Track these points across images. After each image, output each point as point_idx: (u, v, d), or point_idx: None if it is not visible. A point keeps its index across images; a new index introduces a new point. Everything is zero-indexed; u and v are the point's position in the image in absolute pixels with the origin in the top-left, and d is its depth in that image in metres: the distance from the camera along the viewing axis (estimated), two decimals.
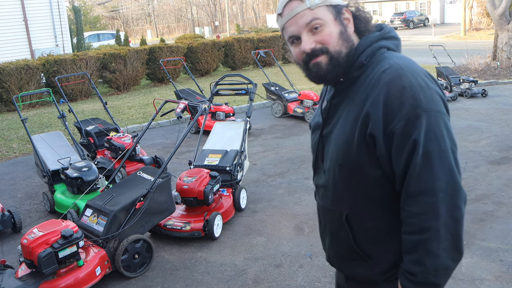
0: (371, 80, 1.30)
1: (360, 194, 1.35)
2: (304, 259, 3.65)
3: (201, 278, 3.46)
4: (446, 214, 1.21)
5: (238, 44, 15.93)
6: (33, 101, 10.91)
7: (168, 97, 10.93)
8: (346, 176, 1.36)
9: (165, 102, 4.67)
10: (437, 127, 1.22)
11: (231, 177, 4.60)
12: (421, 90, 1.23)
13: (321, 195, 1.50)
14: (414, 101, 1.21)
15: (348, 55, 1.33)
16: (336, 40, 1.31)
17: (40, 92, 7.34)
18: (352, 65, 1.34)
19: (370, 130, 1.26)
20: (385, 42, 1.36)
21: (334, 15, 1.31)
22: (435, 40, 23.61)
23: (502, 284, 3.18)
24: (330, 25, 1.31)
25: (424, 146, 1.21)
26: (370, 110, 1.26)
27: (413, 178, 1.23)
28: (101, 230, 3.45)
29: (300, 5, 1.30)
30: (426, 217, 1.22)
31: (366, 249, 1.38)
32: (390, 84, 1.24)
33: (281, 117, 8.78)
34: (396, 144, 1.24)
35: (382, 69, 1.28)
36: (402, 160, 1.24)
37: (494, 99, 9.64)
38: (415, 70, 1.27)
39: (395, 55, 1.33)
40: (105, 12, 44.68)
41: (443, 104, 1.27)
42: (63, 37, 15.64)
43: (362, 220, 1.37)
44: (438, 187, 1.21)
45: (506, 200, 4.54)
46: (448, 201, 1.21)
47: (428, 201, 1.21)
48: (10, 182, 5.92)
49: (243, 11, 52.70)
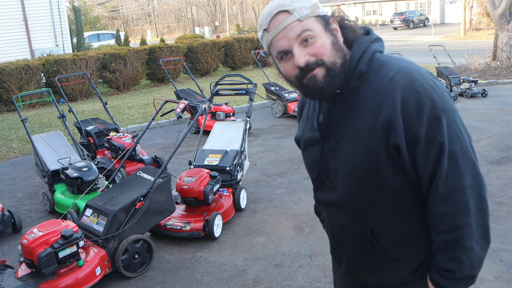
0: (378, 88, 1.26)
1: (384, 205, 1.33)
2: (304, 259, 3.65)
3: (201, 278, 3.46)
4: (475, 207, 1.24)
5: (238, 44, 15.93)
6: (33, 101, 10.91)
7: (168, 97, 10.93)
8: (367, 190, 1.32)
9: (165, 102, 4.67)
10: (456, 125, 1.23)
11: (231, 177, 4.60)
12: (433, 91, 1.22)
13: (333, 212, 1.46)
14: (431, 103, 1.21)
15: (344, 65, 1.28)
16: (330, 51, 1.25)
17: (40, 92, 7.34)
18: (350, 75, 1.29)
19: (393, 140, 1.23)
20: (376, 46, 1.33)
21: (323, 26, 1.26)
22: (435, 40, 23.61)
23: (502, 284, 3.18)
24: (322, 36, 1.25)
25: (449, 146, 1.21)
26: (388, 119, 1.23)
27: (441, 180, 1.23)
28: (101, 230, 3.45)
29: (288, 17, 1.23)
30: (458, 215, 1.24)
31: (395, 255, 1.37)
32: (404, 90, 1.22)
33: (281, 117, 8.78)
34: (421, 150, 1.23)
35: (388, 75, 1.25)
36: (429, 165, 1.23)
37: (494, 99, 9.64)
38: (421, 72, 1.26)
39: (393, 59, 1.31)
40: (105, 12, 44.68)
41: (452, 100, 1.27)
42: (63, 37, 15.64)
43: (388, 229, 1.36)
44: (465, 184, 1.23)
45: (506, 200, 4.54)
46: (475, 195, 1.24)
47: (458, 200, 1.23)
48: (10, 182, 5.92)
49: (243, 11, 52.71)
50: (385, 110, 1.23)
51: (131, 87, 13.37)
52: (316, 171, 1.45)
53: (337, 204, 1.42)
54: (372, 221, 1.36)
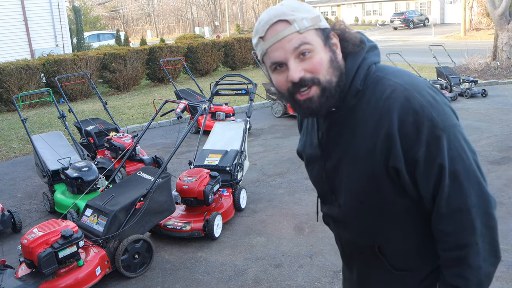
0: (375, 107, 1.21)
1: (389, 223, 1.31)
2: (304, 259, 3.65)
3: (201, 278, 3.46)
4: (481, 226, 1.20)
5: (238, 44, 15.93)
6: (33, 101, 10.91)
7: (168, 97, 10.93)
8: (371, 210, 1.30)
9: (165, 102, 4.67)
10: (457, 143, 1.18)
11: (231, 177, 4.60)
12: (432, 108, 1.17)
13: (340, 227, 1.45)
14: (430, 122, 1.15)
15: (339, 84, 1.21)
16: (326, 69, 1.19)
17: (40, 92, 7.35)
18: (346, 93, 1.24)
19: (392, 163, 1.19)
20: (371, 57, 1.26)
21: (323, 40, 1.19)
22: (435, 40, 23.61)
23: (502, 284, 3.18)
24: (320, 51, 1.18)
25: (450, 166, 1.17)
26: (386, 142, 1.18)
27: (443, 199, 1.19)
28: (101, 230, 3.45)
29: (288, 27, 1.15)
30: (463, 234, 1.20)
31: (404, 266, 1.36)
32: (401, 110, 1.16)
33: (281, 117, 8.78)
34: (421, 171, 1.19)
35: (385, 94, 1.20)
36: (430, 185, 1.20)
37: (494, 99, 9.64)
38: (419, 86, 1.20)
39: (389, 72, 1.24)
40: (105, 12, 44.69)
41: (453, 115, 1.21)
42: (63, 37, 15.65)
43: (395, 245, 1.34)
44: (470, 203, 1.18)
45: (506, 200, 4.54)
46: (481, 213, 1.20)
47: (462, 219, 1.19)
48: (10, 182, 5.92)
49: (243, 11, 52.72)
50: (383, 132, 1.19)
51: (131, 87, 13.37)
52: (319, 187, 1.44)
53: (343, 221, 1.41)
54: (378, 239, 1.34)
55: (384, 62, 1.37)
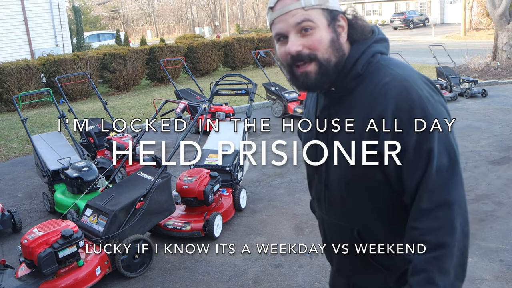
0: (371, 92, 1.23)
1: (370, 209, 1.32)
2: (304, 259, 3.65)
3: (201, 278, 3.46)
4: (460, 228, 1.19)
5: (238, 44, 15.93)
6: (33, 101, 10.90)
7: (168, 97, 10.92)
8: (354, 193, 1.32)
9: (165, 102, 4.67)
10: (447, 140, 1.20)
11: (231, 177, 4.60)
12: (428, 102, 1.19)
13: (324, 210, 1.46)
14: (424, 114, 1.17)
15: (337, 65, 1.26)
16: (326, 48, 1.23)
17: (40, 92, 7.36)
18: (346, 75, 1.27)
19: (379, 148, 1.21)
20: (377, 47, 1.29)
21: (328, 21, 1.23)
22: (435, 40, 23.61)
23: (502, 284, 3.18)
24: (322, 30, 1.23)
25: (438, 159, 1.18)
26: (378, 127, 1.21)
27: (425, 193, 1.19)
28: (101, 230, 3.45)
29: (294, 2, 1.21)
30: (442, 232, 1.18)
31: (381, 260, 1.36)
32: (398, 98, 1.19)
33: (281, 117, 8.78)
34: (408, 160, 1.19)
35: (384, 80, 1.22)
36: (416, 176, 1.20)
37: (494, 99, 9.64)
38: (417, 80, 1.22)
39: (393, 63, 1.27)
40: (105, 12, 44.68)
41: (447, 114, 1.24)
42: (63, 37, 15.64)
43: (373, 233, 1.34)
44: (452, 200, 1.18)
45: (506, 200, 4.54)
46: (461, 214, 1.19)
47: (443, 216, 1.18)
48: (10, 182, 5.92)
49: (243, 11, 52.71)
50: (375, 116, 1.21)
51: (131, 87, 13.37)
52: (310, 168, 1.46)
53: (327, 201, 1.42)
54: (358, 223, 1.35)
55: None
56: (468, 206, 1.23)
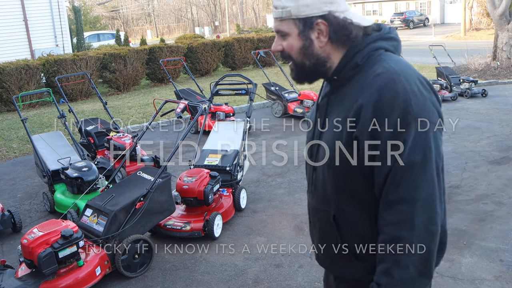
0: (363, 82, 1.27)
1: (346, 195, 1.34)
2: (304, 259, 3.65)
3: (201, 278, 3.46)
4: (422, 226, 1.19)
5: (238, 44, 15.93)
6: (33, 101, 10.91)
7: (168, 97, 10.93)
8: (333, 176, 1.35)
9: (165, 102, 4.67)
10: (426, 138, 1.20)
11: (231, 177, 4.60)
12: (414, 96, 1.20)
13: (311, 193, 1.50)
14: (405, 107, 1.19)
15: (316, 65, 1.34)
16: (297, 53, 1.34)
17: (40, 92, 7.35)
18: (346, 64, 1.33)
19: (357, 133, 1.25)
20: (382, 43, 1.33)
21: (299, 30, 1.31)
22: (435, 40, 23.61)
23: (502, 284, 3.18)
24: (293, 38, 1.33)
25: (409, 154, 1.19)
26: (359, 113, 1.24)
27: (392, 185, 1.21)
28: (101, 230, 3.45)
29: (275, 12, 1.34)
30: (401, 226, 1.20)
31: (354, 250, 1.37)
32: (383, 89, 1.21)
33: (281, 117, 8.78)
34: (381, 150, 1.22)
35: (376, 72, 1.26)
36: (386, 168, 1.22)
37: (494, 99, 9.64)
38: (411, 76, 1.24)
39: (392, 58, 1.30)
40: (105, 12, 44.67)
41: (436, 113, 1.24)
42: (63, 37, 15.64)
43: (349, 221, 1.36)
44: (417, 197, 1.19)
45: (506, 200, 4.54)
46: (425, 213, 1.19)
47: (405, 211, 1.19)
48: (10, 182, 5.92)
49: (243, 11, 52.69)
50: (359, 103, 1.24)
51: (131, 87, 13.37)
52: (307, 152, 1.52)
53: (314, 185, 1.47)
54: (334, 208, 1.38)
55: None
56: (468, 206, 1.23)
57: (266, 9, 51.69)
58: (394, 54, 1.34)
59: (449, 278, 3.28)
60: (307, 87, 10.39)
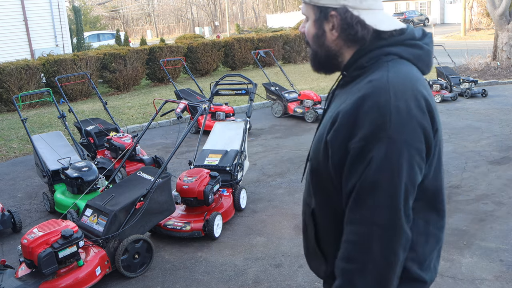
0: (358, 86, 1.21)
1: (322, 194, 1.31)
2: (304, 259, 3.64)
3: (201, 278, 3.46)
4: (379, 253, 1.12)
5: (238, 44, 15.93)
6: (33, 101, 10.91)
7: (168, 97, 10.93)
8: (313, 173, 1.33)
9: (165, 102, 4.67)
10: (397, 158, 1.09)
11: (231, 177, 4.60)
12: (397, 113, 1.09)
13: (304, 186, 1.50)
14: (381, 122, 1.09)
15: (328, 57, 1.32)
16: (311, 40, 1.33)
17: (40, 92, 7.34)
18: (353, 63, 1.28)
19: (329, 138, 1.19)
20: (397, 49, 1.23)
21: (315, 17, 1.29)
22: (435, 40, 23.54)
23: (502, 284, 3.18)
24: (310, 24, 1.32)
25: (374, 173, 1.10)
26: (336, 117, 1.19)
27: (354, 203, 1.14)
28: (101, 230, 3.45)
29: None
30: (356, 248, 1.14)
31: (324, 250, 1.35)
32: (365, 98, 1.13)
33: (281, 117, 8.78)
34: (349, 163, 1.15)
35: (371, 78, 1.19)
36: (351, 181, 1.15)
37: (494, 99, 9.64)
38: (404, 90, 1.13)
39: (398, 67, 1.20)
40: (105, 12, 44.67)
41: (421, 137, 1.12)
42: (63, 37, 15.64)
43: (323, 220, 1.33)
44: (376, 221, 1.11)
45: (506, 200, 4.54)
46: (383, 240, 1.11)
47: (363, 233, 1.12)
48: (10, 182, 5.92)
49: (243, 11, 52.69)
50: (341, 107, 1.20)
51: (131, 87, 13.37)
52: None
53: (305, 175, 1.47)
54: (314, 203, 1.36)
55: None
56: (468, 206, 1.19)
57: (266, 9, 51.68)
58: (407, 63, 1.23)
59: (449, 278, 3.28)
60: (307, 87, 10.40)
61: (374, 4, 1.25)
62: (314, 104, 8.28)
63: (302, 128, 7.92)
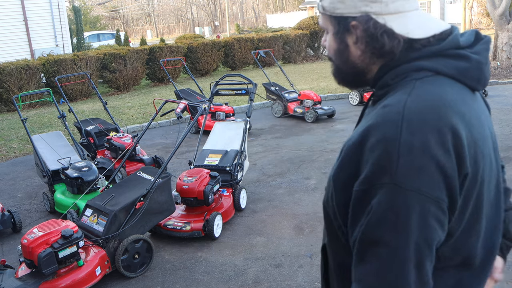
0: (375, 112, 0.98)
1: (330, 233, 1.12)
2: (304, 259, 3.65)
3: (201, 278, 3.46)
4: None
5: (238, 44, 15.93)
6: (33, 101, 10.91)
7: (168, 97, 10.93)
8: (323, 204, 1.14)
9: (165, 102, 4.67)
10: (404, 211, 0.85)
11: (231, 177, 4.60)
12: (408, 153, 0.86)
13: None
14: (386, 163, 0.87)
15: (354, 74, 1.09)
16: (333, 55, 1.10)
17: (40, 92, 7.34)
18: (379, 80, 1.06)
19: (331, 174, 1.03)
20: (433, 63, 0.97)
21: (335, 29, 1.06)
22: None
23: (502, 284, 3.18)
24: (330, 37, 1.09)
25: (375, 228, 0.88)
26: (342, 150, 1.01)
27: (357, 260, 0.94)
28: (101, 230, 3.45)
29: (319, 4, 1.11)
30: None
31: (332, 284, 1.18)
32: (372, 129, 0.92)
33: (281, 117, 8.78)
34: (351, 209, 0.95)
35: (386, 103, 0.96)
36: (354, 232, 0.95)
37: (494, 99, 9.64)
38: (423, 121, 0.88)
39: (426, 88, 0.94)
40: (105, 12, 44.68)
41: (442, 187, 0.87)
42: (63, 37, 15.65)
43: (334, 257, 1.14)
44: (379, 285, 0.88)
45: None
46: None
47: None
48: (10, 182, 5.92)
49: (243, 11, 52.69)
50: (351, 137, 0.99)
51: (131, 87, 13.38)
52: None
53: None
54: (325, 237, 1.19)
55: None
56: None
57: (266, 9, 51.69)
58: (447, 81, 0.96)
59: None
60: (307, 87, 10.39)
61: (405, 4, 0.99)
62: (314, 104, 8.28)
63: (302, 128, 7.92)
